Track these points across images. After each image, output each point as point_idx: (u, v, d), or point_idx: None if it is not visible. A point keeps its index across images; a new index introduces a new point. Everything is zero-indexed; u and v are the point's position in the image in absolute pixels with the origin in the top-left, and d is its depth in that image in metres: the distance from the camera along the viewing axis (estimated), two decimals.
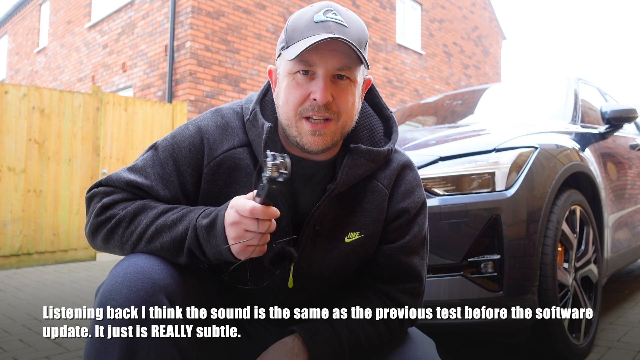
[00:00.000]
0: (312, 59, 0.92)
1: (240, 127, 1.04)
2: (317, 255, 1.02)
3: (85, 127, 5.66)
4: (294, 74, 0.94)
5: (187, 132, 1.03)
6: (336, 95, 0.94)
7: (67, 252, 5.48)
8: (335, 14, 0.94)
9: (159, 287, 0.87)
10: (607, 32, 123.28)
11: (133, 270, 0.87)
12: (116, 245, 0.98)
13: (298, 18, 0.96)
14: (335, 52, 0.92)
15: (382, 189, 1.04)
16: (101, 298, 0.86)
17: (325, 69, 0.92)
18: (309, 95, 0.93)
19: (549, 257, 1.84)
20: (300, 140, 0.96)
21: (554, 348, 1.89)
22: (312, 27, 0.92)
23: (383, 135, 1.08)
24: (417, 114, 3.80)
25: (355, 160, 1.00)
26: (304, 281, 1.04)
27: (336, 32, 0.91)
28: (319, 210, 0.99)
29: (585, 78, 3.35)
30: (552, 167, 1.99)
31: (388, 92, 11.54)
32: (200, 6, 8.05)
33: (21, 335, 2.59)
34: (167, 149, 1.02)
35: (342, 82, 0.94)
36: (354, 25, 0.94)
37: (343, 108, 0.95)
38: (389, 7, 11.87)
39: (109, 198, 0.99)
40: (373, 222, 1.03)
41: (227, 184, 1.00)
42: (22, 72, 13.74)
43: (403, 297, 1.05)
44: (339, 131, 0.97)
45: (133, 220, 0.95)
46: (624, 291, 3.40)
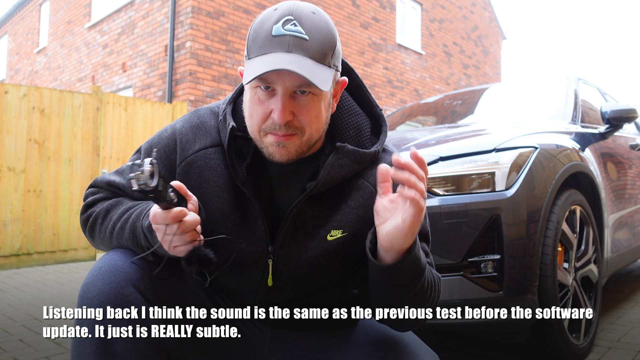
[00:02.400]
0: (269, 78, 0.88)
1: (215, 127, 1.04)
2: (297, 253, 1.00)
3: (85, 127, 5.66)
4: (255, 88, 0.92)
5: (164, 134, 1.06)
6: (297, 111, 0.91)
7: (67, 252, 5.48)
8: (295, 24, 0.88)
9: (130, 279, 0.90)
10: (607, 32, 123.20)
11: (107, 264, 0.92)
12: (100, 242, 1.05)
13: (259, 26, 0.91)
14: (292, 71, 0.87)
15: (368, 187, 1.02)
16: (80, 292, 0.92)
17: (284, 87, 0.89)
18: (270, 113, 0.91)
19: (549, 257, 1.84)
20: (267, 152, 0.95)
21: (554, 348, 1.89)
22: (269, 43, 0.88)
23: (370, 134, 1.05)
24: (417, 114, 3.80)
25: (339, 160, 0.98)
26: (285, 279, 1.02)
27: (293, 49, 0.87)
28: (296, 208, 0.98)
29: (585, 78, 3.35)
30: (552, 167, 1.99)
31: (388, 92, 11.55)
32: (200, 6, 8.05)
33: (21, 335, 2.59)
34: (147, 151, 1.07)
35: (304, 97, 0.90)
36: (316, 34, 0.89)
37: (306, 123, 0.92)
38: (389, 7, 11.87)
39: (92, 197, 1.07)
40: (358, 220, 1.00)
41: (199, 183, 1.01)
42: (22, 72, 13.74)
43: None
44: (304, 144, 0.95)
45: (106, 216, 1.01)
46: (624, 291, 3.40)
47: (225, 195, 1.00)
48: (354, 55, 10.69)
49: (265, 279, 1.02)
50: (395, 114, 3.89)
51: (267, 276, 1.02)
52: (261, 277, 1.02)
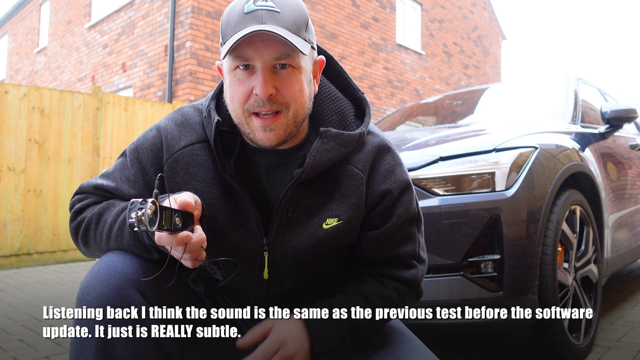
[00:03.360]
0: (247, 53, 0.89)
1: (199, 123, 1.04)
2: (293, 243, 1.00)
3: (85, 127, 5.66)
4: (234, 71, 0.92)
5: (150, 133, 1.06)
6: (280, 85, 0.90)
7: (67, 252, 5.48)
8: (265, 0, 0.89)
9: (131, 281, 0.90)
10: (607, 32, 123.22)
11: (106, 266, 0.91)
12: (96, 247, 1.02)
13: (230, 11, 0.92)
14: (269, 42, 0.88)
15: (357, 173, 1.02)
16: (78, 294, 0.90)
17: (263, 61, 0.89)
18: (252, 91, 0.91)
19: (549, 257, 1.84)
20: (254, 137, 0.94)
21: (554, 348, 1.89)
22: (242, 20, 0.88)
23: (354, 118, 1.05)
24: (417, 114, 3.80)
25: (325, 145, 0.98)
26: (282, 271, 1.02)
27: (267, 21, 0.87)
28: (286, 197, 0.97)
29: (585, 78, 3.35)
30: (552, 167, 1.99)
31: (388, 92, 11.55)
32: (200, 6, 8.05)
33: (21, 335, 2.59)
34: (132, 152, 1.05)
35: (284, 71, 0.91)
36: (287, 8, 0.90)
37: (290, 97, 0.91)
38: (389, 7, 11.87)
39: (81, 203, 1.05)
40: (351, 207, 1.01)
41: (186, 180, 1.00)
42: (22, 72, 13.74)
43: (398, 272, 1.05)
44: (291, 122, 0.94)
45: (100, 219, 0.99)
46: (624, 291, 3.40)
47: (215, 190, 0.99)
48: (354, 55, 10.69)
49: (261, 272, 1.02)
50: (395, 114, 3.89)
51: (264, 269, 1.02)
52: (258, 272, 1.02)
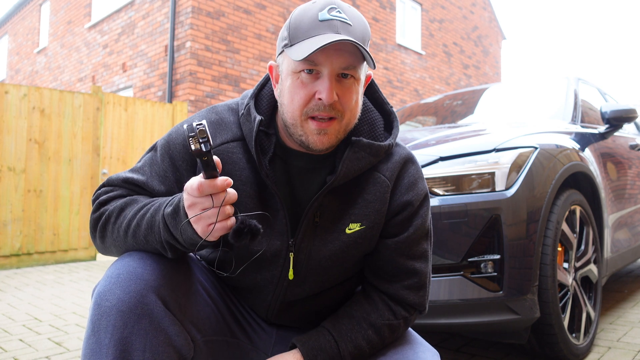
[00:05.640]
0: (318, 59, 0.91)
1: (234, 122, 1.05)
2: (317, 246, 1.02)
3: (85, 127, 5.66)
4: (298, 73, 0.94)
5: (181, 129, 1.05)
6: (341, 94, 0.94)
7: (67, 252, 5.48)
8: (339, 12, 0.93)
9: (151, 287, 0.88)
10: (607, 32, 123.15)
11: (125, 271, 0.89)
12: (112, 243, 0.99)
13: (301, 15, 0.95)
14: (341, 52, 0.92)
15: (384, 181, 1.04)
16: (96, 299, 0.88)
17: (331, 69, 0.92)
18: (314, 95, 0.93)
19: (549, 257, 1.85)
20: (306, 139, 0.96)
21: (554, 348, 1.89)
22: (317, 26, 0.92)
23: (384, 130, 1.08)
24: (417, 114, 3.80)
25: (356, 154, 1.00)
26: (304, 273, 1.04)
27: (342, 32, 0.91)
28: (317, 202, 0.99)
29: (585, 78, 3.35)
30: (552, 167, 1.99)
31: (388, 92, 11.55)
32: (200, 6, 8.05)
33: (21, 335, 2.59)
34: (164, 147, 1.05)
35: (347, 81, 0.94)
36: (357, 23, 0.94)
37: (347, 107, 0.95)
38: (389, 7, 11.87)
39: (106, 195, 1.03)
40: (374, 213, 1.03)
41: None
42: (22, 72, 13.74)
43: (408, 295, 1.06)
44: (342, 129, 0.97)
45: (120, 214, 0.97)
46: (624, 291, 3.40)
47: (248, 189, 1.00)
48: None
49: (285, 273, 1.03)
50: None
51: (288, 269, 1.03)
52: (281, 271, 1.03)
